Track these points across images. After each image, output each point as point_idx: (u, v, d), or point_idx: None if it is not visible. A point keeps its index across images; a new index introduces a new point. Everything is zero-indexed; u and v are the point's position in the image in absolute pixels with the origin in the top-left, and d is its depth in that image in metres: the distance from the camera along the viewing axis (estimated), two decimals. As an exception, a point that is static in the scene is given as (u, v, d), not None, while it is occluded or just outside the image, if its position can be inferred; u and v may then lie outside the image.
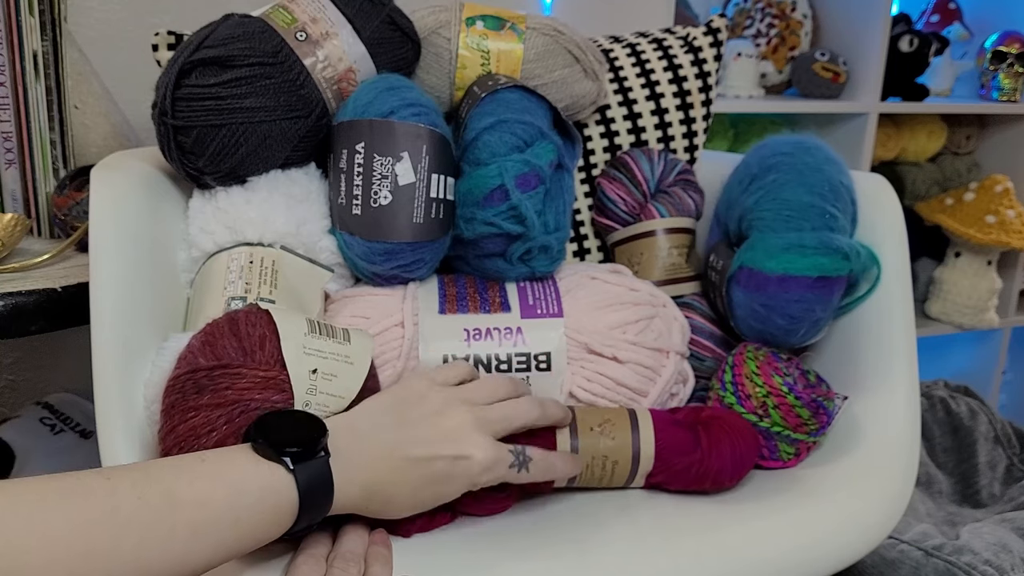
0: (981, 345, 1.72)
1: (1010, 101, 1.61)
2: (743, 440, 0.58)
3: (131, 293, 0.56)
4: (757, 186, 0.68)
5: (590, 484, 0.58)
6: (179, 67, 0.60)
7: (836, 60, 1.45)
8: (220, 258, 0.61)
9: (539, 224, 0.63)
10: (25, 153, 0.78)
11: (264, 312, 0.53)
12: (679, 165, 0.79)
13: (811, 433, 0.61)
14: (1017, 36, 1.61)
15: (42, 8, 0.76)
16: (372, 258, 0.64)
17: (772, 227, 0.65)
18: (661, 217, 0.75)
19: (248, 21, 0.64)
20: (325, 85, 0.65)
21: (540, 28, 0.74)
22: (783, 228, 0.65)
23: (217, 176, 0.62)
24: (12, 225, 0.72)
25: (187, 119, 0.60)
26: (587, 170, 0.82)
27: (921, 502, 1.02)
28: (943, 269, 1.63)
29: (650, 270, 0.75)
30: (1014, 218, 1.53)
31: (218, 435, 0.47)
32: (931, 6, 1.73)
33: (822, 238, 0.63)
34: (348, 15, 0.66)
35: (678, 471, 0.57)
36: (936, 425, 1.14)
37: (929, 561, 0.82)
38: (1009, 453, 1.10)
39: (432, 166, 0.64)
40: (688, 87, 0.83)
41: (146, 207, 0.61)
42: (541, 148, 0.65)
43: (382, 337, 0.61)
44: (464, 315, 0.63)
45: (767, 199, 0.67)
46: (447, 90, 0.73)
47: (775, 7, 1.54)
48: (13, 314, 0.64)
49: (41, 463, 0.82)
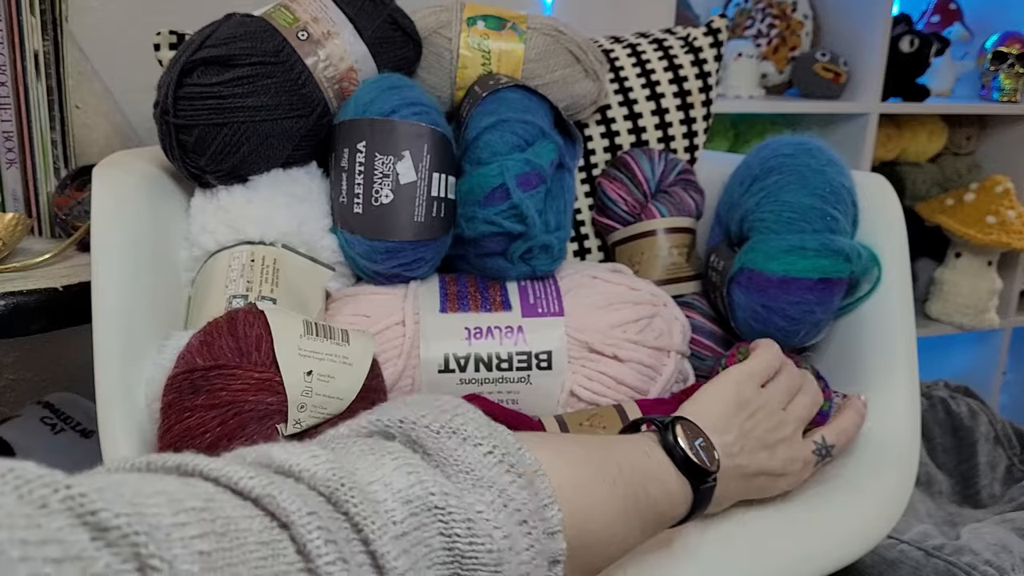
0: (981, 345, 1.72)
1: (1010, 102, 1.61)
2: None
3: (132, 292, 0.56)
4: (758, 187, 0.68)
5: None
6: (181, 66, 0.60)
7: (837, 60, 1.45)
8: (221, 257, 0.61)
9: (540, 223, 0.63)
10: (26, 152, 0.78)
11: (261, 313, 0.52)
12: (679, 165, 0.79)
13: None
14: (1018, 37, 1.61)
15: (43, 8, 0.76)
16: (373, 257, 0.64)
17: (773, 229, 0.66)
18: (661, 217, 0.75)
19: (250, 20, 0.64)
20: (326, 84, 0.65)
21: (541, 28, 0.74)
22: (784, 230, 0.65)
23: (219, 175, 0.63)
24: (13, 224, 0.72)
25: (189, 118, 0.60)
26: (587, 170, 0.82)
27: (921, 502, 1.02)
28: (943, 269, 1.63)
29: (651, 269, 0.75)
30: (1014, 218, 1.53)
31: (211, 436, 0.47)
32: (932, 6, 1.73)
33: (823, 240, 0.63)
34: (350, 15, 0.66)
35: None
36: (936, 425, 1.13)
37: (929, 561, 0.82)
38: (1009, 453, 1.10)
39: (433, 165, 0.64)
40: (688, 87, 0.83)
41: (147, 206, 0.61)
42: (542, 147, 0.65)
43: (383, 336, 0.61)
44: (465, 314, 0.63)
45: (768, 201, 0.67)
46: (448, 90, 0.73)
47: (776, 7, 1.54)
48: (14, 313, 0.64)
49: (41, 463, 0.82)
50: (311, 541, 0.26)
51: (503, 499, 0.32)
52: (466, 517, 0.30)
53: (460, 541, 0.30)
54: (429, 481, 0.31)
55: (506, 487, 0.33)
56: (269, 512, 0.26)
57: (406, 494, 0.30)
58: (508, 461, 0.34)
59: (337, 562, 0.26)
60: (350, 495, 0.28)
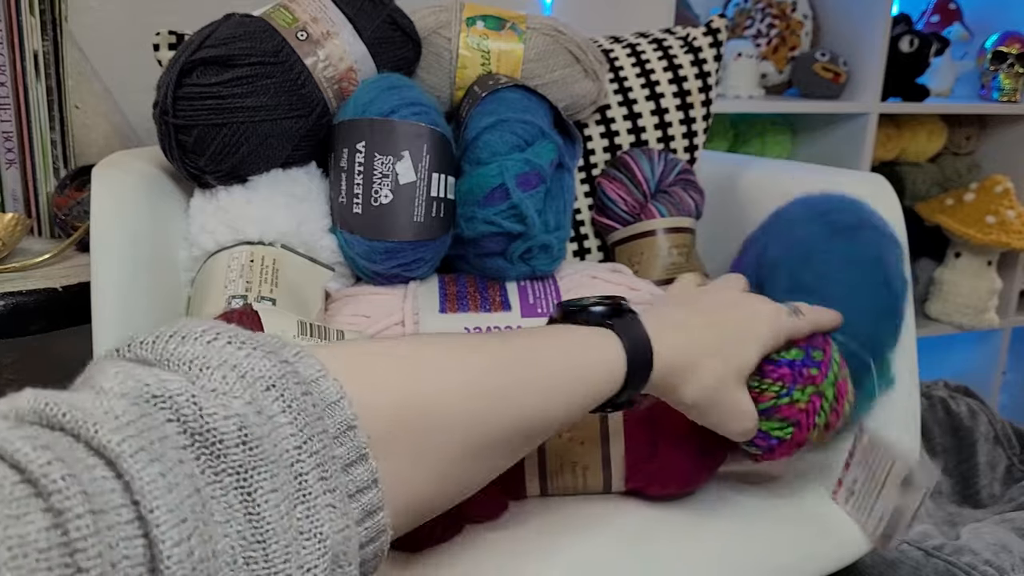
0: (981, 345, 1.72)
1: (1010, 101, 1.61)
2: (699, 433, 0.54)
3: (132, 292, 0.56)
4: (801, 281, 0.61)
5: (566, 492, 0.57)
6: (180, 66, 0.60)
7: (836, 60, 1.45)
8: (221, 257, 0.61)
9: (539, 223, 0.63)
10: (26, 153, 0.78)
11: (255, 313, 0.52)
12: (679, 165, 0.79)
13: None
14: (1017, 36, 1.61)
15: (43, 8, 0.76)
16: (373, 257, 0.64)
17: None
18: (661, 217, 0.75)
19: (249, 21, 0.64)
20: (326, 84, 0.65)
21: (540, 28, 0.74)
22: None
23: (218, 175, 0.62)
24: (12, 225, 0.72)
25: (188, 118, 0.60)
26: (587, 170, 0.82)
27: (921, 502, 1.02)
28: (943, 269, 1.63)
29: (650, 269, 0.75)
30: (1014, 218, 1.53)
31: None
32: (931, 6, 1.73)
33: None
34: (349, 15, 0.66)
35: (650, 472, 0.56)
36: (936, 425, 1.14)
37: (929, 561, 0.82)
38: (1009, 453, 1.10)
39: (433, 165, 0.64)
40: (688, 87, 0.83)
41: (147, 206, 0.61)
42: (542, 147, 0.65)
43: (382, 336, 0.61)
44: (465, 314, 0.63)
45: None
46: (447, 90, 0.73)
47: (775, 7, 1.54)
48: (13, 314, 0.64)
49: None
50: (18, 451, 0.22)
51: (237, 372, 0.29)
52: (190, 395, 0.27)
53: (190, 420, 0.26)
54: (143, 375, 0.27)
55: (239, 362, 0.29)
56: None
57: (119, 390, 0.27)
58: (243, 342, 0.30)
59: (54, 462, 0.22)
60: (58, 409, 0.25)
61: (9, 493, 0.22)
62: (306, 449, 0.29)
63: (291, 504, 0.28)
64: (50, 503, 0.22)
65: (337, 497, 0.29)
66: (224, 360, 0.29)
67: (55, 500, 0.22)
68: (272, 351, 0.30)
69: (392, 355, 0.37)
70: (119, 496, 0.23)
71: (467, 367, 0.38)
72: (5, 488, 0.22)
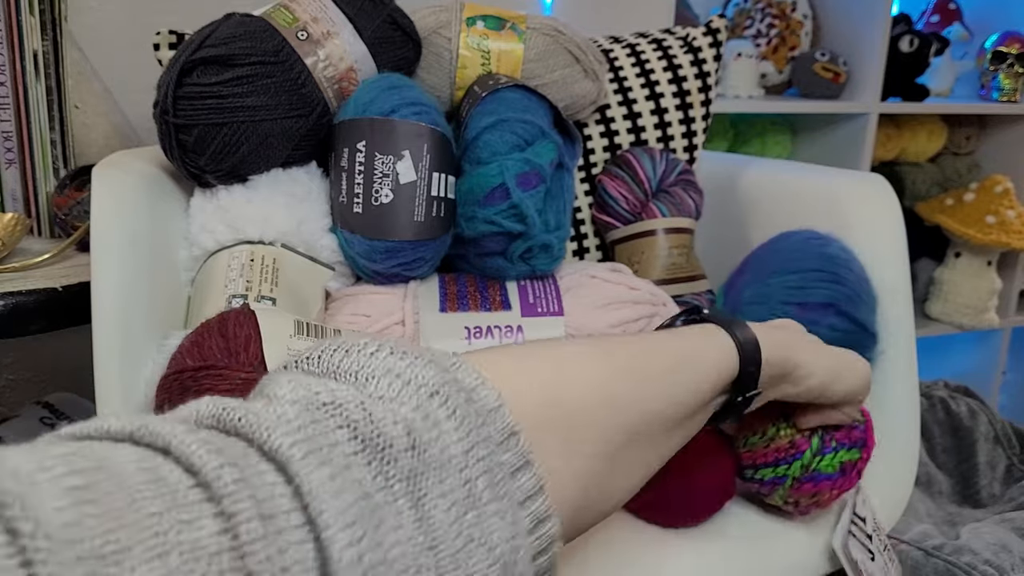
0: (981, 345, 1.72)
1: (1010, 101, 1.61)
2: (712, 459, 0.55)
3: (132, 292, 0.56)
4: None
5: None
6: (181, 66, 0.60)
7: (836, 60, 1.45)
8: (221, 256, 0.61)
9: (540, 223, 0.63)
10: (25, 152, 0.78)
11: (251, 313, 0.52)
12: (680, 165, 0.79)
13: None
14: (1017, 36, 1.61)
15: (42, 8, 0.76)
16: (373, 256, 0.64)
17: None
18: (662, 216, 0.75)
19: (249, 20, 0.64)
20: (326, 84, 0.65)
21: (540, 28, 0.74)
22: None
23: (218, 175, 0.62)
24: (12, 225, 0.72)
25: (188, 118, 0.60)
26: (587, 169, 0.82)
27: (921, 502, 1.02)
28: (943, 269, 1.63)
29: (650, 269, 0.75)
30: (1014, 218, 1.53)
31: None
32: (931, 6, 1.73)
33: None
34: (349, 15, 0.66)
35: (649, 501, 0.55)
36: (936, 425, 1.13)
37: (929, 561, 0.82)
38: (1009, 453, 1.10)
39: (433, 165, 0.64)
40: (688, 87, 0.83)
41: (147, 206, 0.61)
42: (542, 147, 0.65)
43: (382, 335, 0.61)
44: (465, 313, 0.63)
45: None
46: (448, 89, 0.73)
47: (775, 7, 1.54)
48: (13, 314, 0.64)
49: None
50: (193, 454, 0.23)
51: (402, 380, 0.29)
52: (360, 402, 0.27)
53: (360, 426, 0.27)
54: (314, 384, 0.28)
55: (403, 370, 0.30)
56: (146, 444, 0.24)
57: (291, 397, 0.28)
58: (404, 352, 0.31)
59: (225, 467, 0.23)
60: (234, 414, 0.26)
61: (184, 497, 0.22)
62: (473, 455, 0.28)
63: (461, 510, 0.27)
64: (221, 507, 0.22)
65: (506, 505, 0.29)
66: (388, 369, 0.30)
67: (226, 504, 0.22)
68: (432, 360, 0.31)
69: (533, 356, 0.37)
70: (288, 500, 0.23)
71: (599, 362, 0.38)
72: (180, 492, 0.22)
